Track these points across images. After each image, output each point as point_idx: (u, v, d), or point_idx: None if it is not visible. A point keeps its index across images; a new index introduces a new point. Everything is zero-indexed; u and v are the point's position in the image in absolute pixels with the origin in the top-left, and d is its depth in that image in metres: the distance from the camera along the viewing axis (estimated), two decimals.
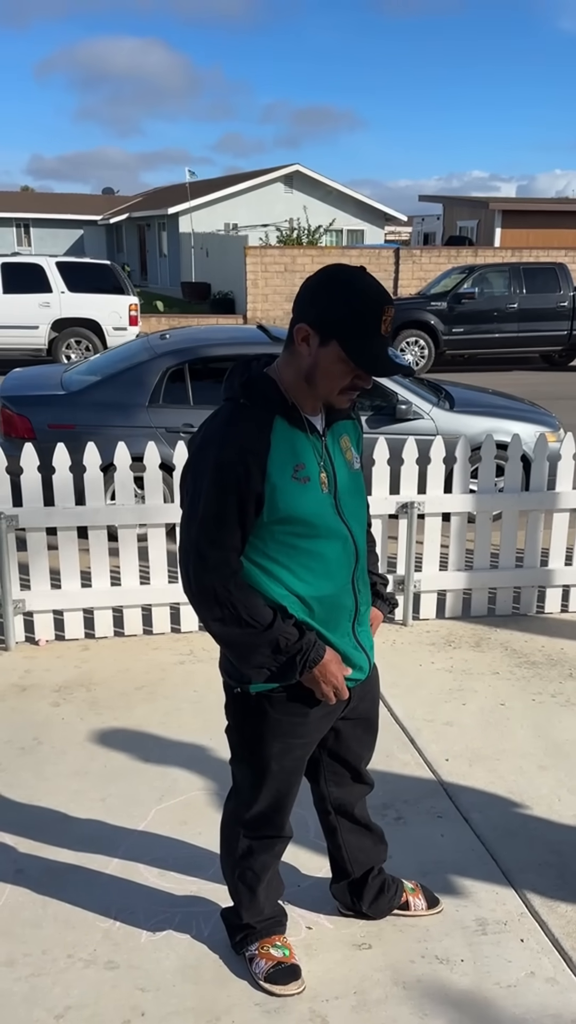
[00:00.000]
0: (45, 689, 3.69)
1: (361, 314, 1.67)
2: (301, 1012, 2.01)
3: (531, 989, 2.08)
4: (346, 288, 1.68)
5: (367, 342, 1.67)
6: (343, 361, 1.69)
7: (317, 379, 1.74)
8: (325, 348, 1.70)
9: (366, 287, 1.69)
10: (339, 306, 1.67)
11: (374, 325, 1.67)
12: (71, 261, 14.27)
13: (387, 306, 1.68)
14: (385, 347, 1.70)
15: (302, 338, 1.72)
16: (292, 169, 28.07)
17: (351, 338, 1.67)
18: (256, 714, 1.87)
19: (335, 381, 1.72)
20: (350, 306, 1.67)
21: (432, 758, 3.13)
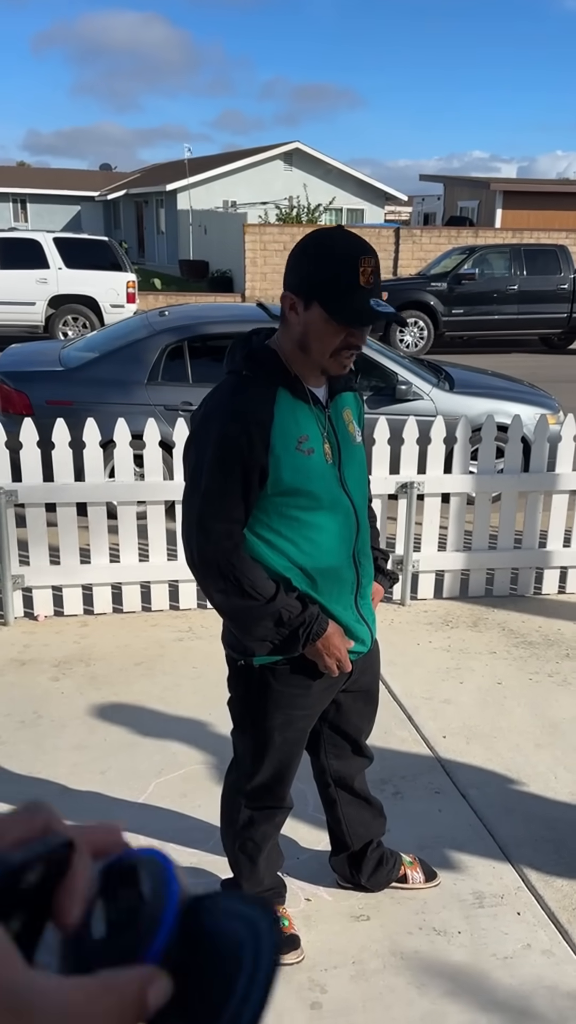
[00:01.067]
0: (44, 664, 3.70)
1: (336, 270, 1.66)
2: (300, 981, 2.03)
3: (527, 961, 2.11)
4: (321, 248, 1.68)
5: (346, 297, 1.66)
6: (327, 321, 1.68)
7: (310, 345, 1.73)
8: (309, 312, 1.69)
9: (340, 243, 1.68)
10: (315, 267, 1.68)
11: (351, 278, 1.65)
12: (69, 237, 14.15)
13: (363, 257, 1.66)
14: (367, 298, 1.66)
15: (289, 306, 1.72)
16: (292, 146, 27.82)
17: (330, 296, 1.66)
18: (259, 686, 1.88)
19: (325, 343, 1.71)
20: (325, 264, 1.67)
21: (430, 735, 3.15)
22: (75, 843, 0.41)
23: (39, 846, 0.40)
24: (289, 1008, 1.96)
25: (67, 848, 0.41)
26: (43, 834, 0.40)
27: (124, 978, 0.37)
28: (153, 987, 0.37)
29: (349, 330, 1.69)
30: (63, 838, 0.40)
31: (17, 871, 0.39)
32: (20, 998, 0.32)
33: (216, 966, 0.39)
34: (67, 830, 0.41)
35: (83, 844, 0.41)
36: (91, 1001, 0.34)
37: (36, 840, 0.40)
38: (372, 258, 1.67)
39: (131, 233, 32.89)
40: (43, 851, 0.40)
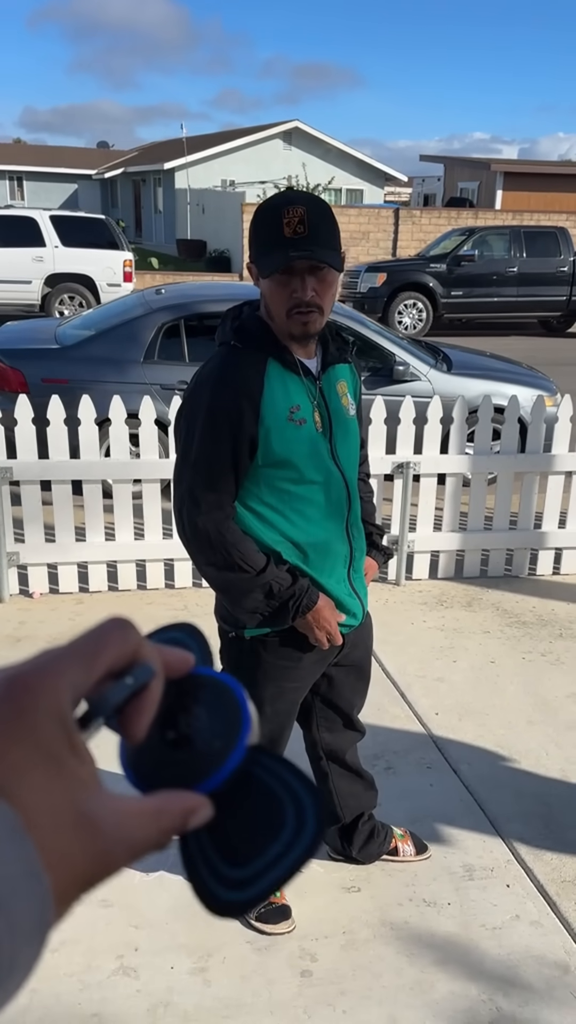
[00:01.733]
0: (39, 640, 3.71)
1: (262, 227, 1.68)
2: (291, 950, 2.06)
3: (515, 931, 2.14)
4: (256, 213, 1.71)
5: (273, 250, 1.66)
6: (269, 279, 1.69)
7: (272, 312, 1.73)
8: (261, 277, 1.71)
9: (270, 202, 1.70)
10: (253, 231, 1.71)
11: (275, 231, 1.65)
12: (65, 215, 14.04)
13: (287, 208, 1.64)
14: (292, 248, 1.64)
15: (253, 278, 1.74)
16: (291, 126, 27.57)
17: (260, 254, 1.68)
18: (250, 658, 1.89)
19: (278, 304, 1.71)
20: (256, 226, 1.70)
21: (422, 712, 3.17)
22: (159, 673, 0.42)
23: (132, 682, 0.40)
24: (280, 976, 1.99)
25: (152, 677, 0.41)
26: (133, 659, 0.40)
27: (176, 806, 0.40)
28: (197, 815, 0.40)
29: (288, 285, 1.68)
30: (150, 670, 0.41)
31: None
32: (91, 818, 0.36)
33: (259, 817, 0.41)
34: (153, 657, 0.42)
35: (161, 668, 0.42)
36: (143, 826, 0.38)
37: (127, 672, 0.40)
38: (297, 207, 1.64)
39: (128, 212, 32.62)
40: (136, 687, 0.40)
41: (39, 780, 0.35)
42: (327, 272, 1.70)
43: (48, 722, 0.36)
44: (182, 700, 0.43)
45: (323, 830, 0.40)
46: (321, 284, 1.71)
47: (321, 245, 1.66)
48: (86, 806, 0.36)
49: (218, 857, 0.41)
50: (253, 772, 0.42)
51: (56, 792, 0.35)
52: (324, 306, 1.73)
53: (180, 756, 0.42)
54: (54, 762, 0.35)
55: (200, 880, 0.41)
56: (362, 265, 15.16)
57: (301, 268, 1.67)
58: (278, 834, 0.40)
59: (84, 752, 0.37)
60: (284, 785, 0.42)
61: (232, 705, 0.43)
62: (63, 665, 0.38)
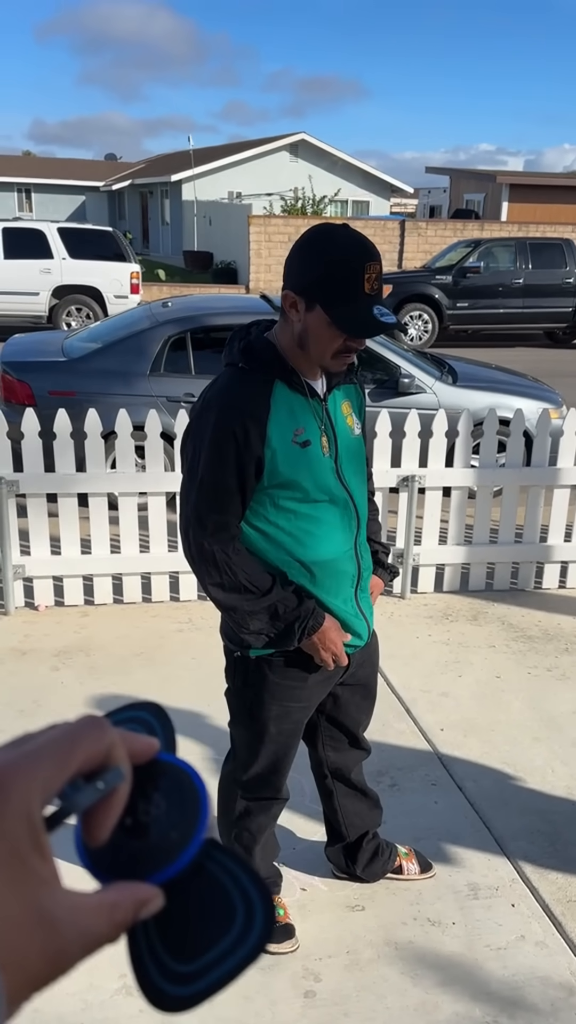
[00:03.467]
0: (44, 653, 3.71)
1: (341, 276, 1.62)
2: (295, 969, 2.05)
3: (520, 952, 2.12)
4: (325, 249, 1.64)
5: (350, 306, 1.63)
6: (329, 326, 1.66)
7: (309, 344, 1.72)
8: (311, 313, 1.67)
9: (345, 246, 1.64)
10: (318, 270, 1.63)
11: (355, 286, 1.62)
12: (73, 227, 14.12)
13: (369, 263, 1.62)
14: (370, 307, 1.64)
15: (290, 304, 1.70)
16: (298, 138, 27.70)
17: (334, 303, 1.63)
18: (256, 678, 1.89)
19: (326, 345, 1.70)
20: (329, 269, 1.63)
21: (427, 728, 3.16)
22: (127, 777, 0.42)
23: (103, 787, 0.41)
24: (283, 996, 1.97)
25: (121, 781, 0.42)
26: (106, 759, 0.41)
27: (129, 899, 0.40)
28: (148, 907, 0.40)
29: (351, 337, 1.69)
30: (120, 775, 0.41)
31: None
32: (49, 916, 0.36)
33: (208, 913, 0.41)
34: (123, 760, 0.42)
35: (130, 772, 0.43)
36: (98, 921, 0.38)
37: (99, 774, 0.41)
38: (376, 264, 1.64)
39: (136, 223, 32.80)
40: (105, 791, 0.41)
41: (1, 878, 0.35)
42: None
43: (17, 821, 0.36)
44: (143, 786, 0.43)
45: (271, 933, 0.40)
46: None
47: (381, 301, 1.67)
48: (45, 904, 0.36)
49: (164, 949, 0.41)
50: (206, 866, 0.42)
51: (17, 891, 0.36)
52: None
53: (136, 844, 0.42)
54: (18, 861, 0.36)
55: (145, 971, 0.40)
56: None
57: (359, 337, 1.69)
58: (226, 931, 0.40)
59: (47, 850, 0.38)
60: (236, 883, 0.41)
61: (191, 795, 0.43)
62: (36, 764, 0.39)
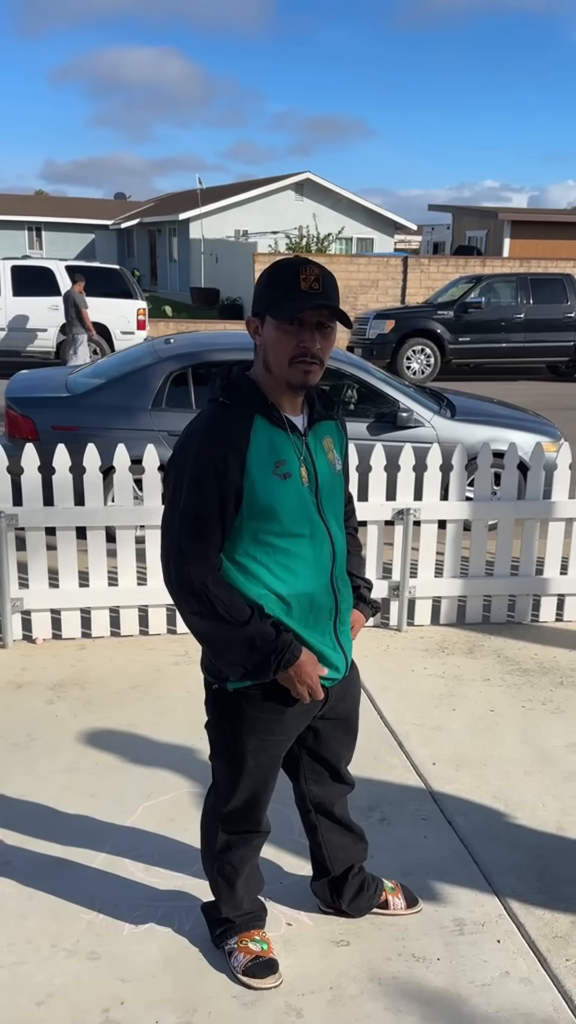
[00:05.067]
0: (40, 687, 3.74)
1: (279, 281, 1.78)
2: (277, 1005, 2.04)
3: (505, 988, 2.11)
4: (267, 271, 1.83)
5: (290, 302, 1.76)
6: (276, 327, 1.78)
7: (271, 361, 1.81)
8: (265, 326, 1.80)
9: (284, 263, 1.81)
10: (262, 286, 1.81)
11: (292, 286, 1.75)
12: (80, 265, 14.40)
13: (303, 266, 1.77)
14: (309, 300, 1.76)
15: (253, 330, 1.83)
16: (303, 177, 28.22)
17: (275, 303, 1.77)
18: (233, 710, 1.91)
19: (281, 352, 1.79)
20: (271, 282, 1.80)
21: (419, 762, 3.16)
22: None
23: None
24: None
25: None
26: None
27: None
28: None
29: (298, 335, 1.77)
30: None
31: None
32: None
33: None
34: None
35: None
36: None
37: None
38: (314, 267, 1.77)
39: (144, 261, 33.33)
40: None
41: None
42: (331, 331, 1.83)
43: None
44: None
45: None
46: (325, 340, 1.82)
47: (333, 302, 1.77)
48: None
49: None
50: None
51: None
52: (323, 360, 1.82)
53: None
54: None
55: None
56: (371, 312, 15.40)
57: (311, 322, 1.78)
58: None
59: None
60: None
61: None
62: None
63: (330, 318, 1.79)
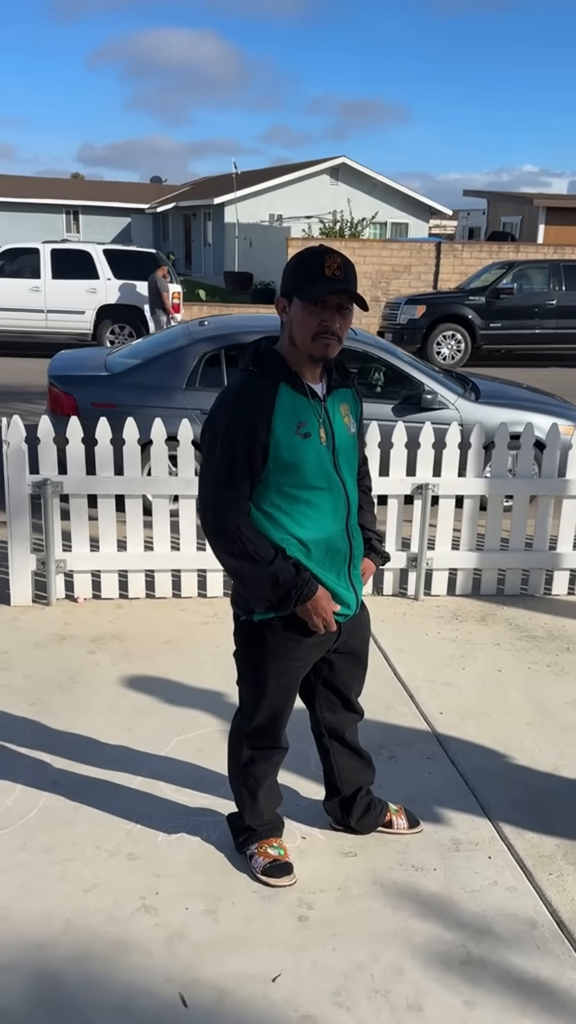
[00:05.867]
0: (82, 639, 4.07)
1: (306, 266, 2.05)
2: (291, 900, 2.35)
3: (492, 894, 2.40)
4: (297, 259, 2.09)
5: (314, 285, 2.03)
6: (303, 308, 2.05)
7: (296, 336, 2.09)
8: (292, 306, 2.08)
9: (311, 251, 2.08)
10: (293, 271, 2.08)
11: (317, 270, 2.02)
12: (118, 249, 14.72)
13: (328, 255, 2.03)
14: (332, 284, 2.02)
15: (280, 308, 2.12)
16: (338, 161, 28.25)
17: (301, 286, 2.05)
18: (257, 639, 2.22)
19: (306, 329, 2.06)
20: (299, 267, 2.07)
21: (428, 712, 3.44)
22: None
23: None
24: (280, 919, 2.28)
25: None
26: None
27: None
28: None
29: (320, 315, 2.04)
30: None
31: None
32: None
33: None
34: None
35: None
36: None
37: None
38: (336, 256, 2.05)
39: (179, 245, 33.62)
40: None
41: None
42: (349, 312, 2.11)
43: None
44: None
45: None
46: (344, 320, 2.11)
47: (352, 287, 2.06)
48: None
49: None
50: None
51: None
52: (342, 337, 2.11)
53: None
54: None
55: None
56: (402, 297, 15.55)
57: (332, 304, 2.06)
58: None
59: None
60: None
61: None
62: None
63: (348, 301, 2.07)
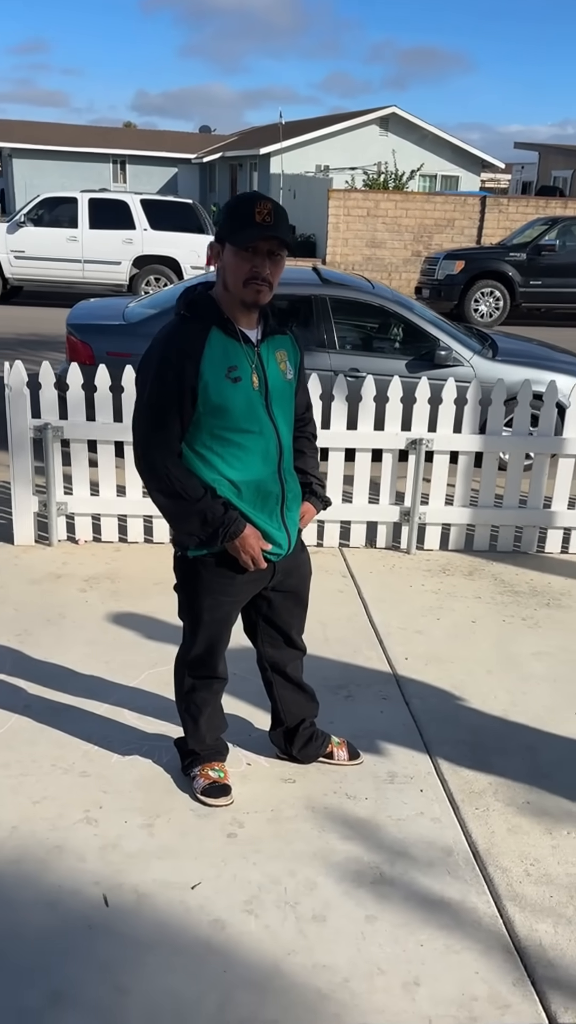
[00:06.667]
0: (76, 578, 4.25)
1: (235, 213, 2.11)
2: (224, 819, 2.51)
3: (416, 823, 2.52)
4: (228, 204, 2.16)
5: (244, 231, 2.09)
6: (234, 253, 2.11)
7: (228, 282, 2.16)
8: (224, 251, 2.14)
9: (241, 197, 2.14)
10: (226, 217, 2.14)
11: (247, 216, 2.08)
12: (155, 199, 14.70)
13: (259, 201, 2.10)
14: (263, 231, 2.08)
15: (215, 253, 2.18)
16: (388, 111, 27.59)
17: (233, 232, 2.11)
18: (192, 574, 2.34)
19: (237, 275, 2.13)
20: (231, 213, 2.13)
21: (394, 657, 3.55)
22: None
23: None
24: (211, 835, 2.44)
25: None
26: None
27: None
28: None
29: (251, 260, 2.11)
30: None
31: None
32: None
33: None
34: None
35: None
36: None
37: None
38: (267, 202, 2.11)
39: (224, 196, 33.26)
40: None
41: None
42: (280, 258, 2.17)
43: None
44: None
45: None
46: (275, 266, 2.17)
47: (283, 232, 2.11)
48: None
49: None
50: None
51: None
52: (273, 283, 2.18)
53: None
54: None
55: None
56: (441, 252, 15.29)
57: (263, 249, 2.12)
58: None
59: None
60: None
61: None
62: None
63: (279, 247, 2.13)
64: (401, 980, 2.00)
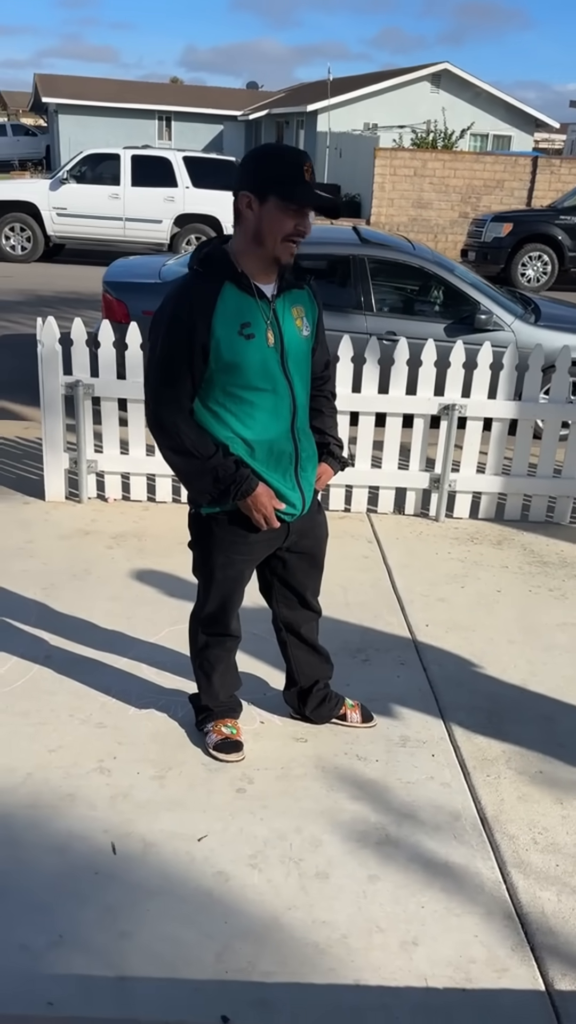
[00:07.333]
0: (104, 535, 4.29)
1: (283, 166, 2.06)
2: (234, 774, 2.54)
3: (426, 787, 2.53)
4: (271, 155, 2.11)
5: (297, 187, 2.05)
6: (281, 209, 2.05)
7: (264, 235, 2.09)
8: (265, 205, 2.07)
9: (286, 151, 2.10)
10: (269, 168, 2.07)
11: (299, 174, 2.04)
12: (197, 156, 14.54)
13: (305, 160, 2.07)
14: (312, 190, 2.06)
15: (246, 204, 2.09)
16: (440, 68, 26.79)
17: (284, 186, 2.05)
18: (206, 531, 2.34)
19: (278, 229, 2.08)
20: (277, 166, 2.07)
21: (415, 623, 3.53)
22: None
23: None
24: (220, 789, 2.47)
25: None
26: None
27: None
28: None
29: (296, 218, 2.07)
30: None
31: None
32: None
33: None
34: None
35: None
36: None
37: None
38: (309, 162, 2.09)
39: None
40: None
41: None
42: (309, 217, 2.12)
43: None
44: None
45: None
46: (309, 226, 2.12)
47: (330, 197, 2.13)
48: None
49: None
50: None
51: None
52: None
53: None
54: None
55: None
56: (489, 214, 14.90)
57: (307, 209, 2.08)
58: None
59: None
60: None
61: None
62: None
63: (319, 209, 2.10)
64: (399, 939, 2.02)
